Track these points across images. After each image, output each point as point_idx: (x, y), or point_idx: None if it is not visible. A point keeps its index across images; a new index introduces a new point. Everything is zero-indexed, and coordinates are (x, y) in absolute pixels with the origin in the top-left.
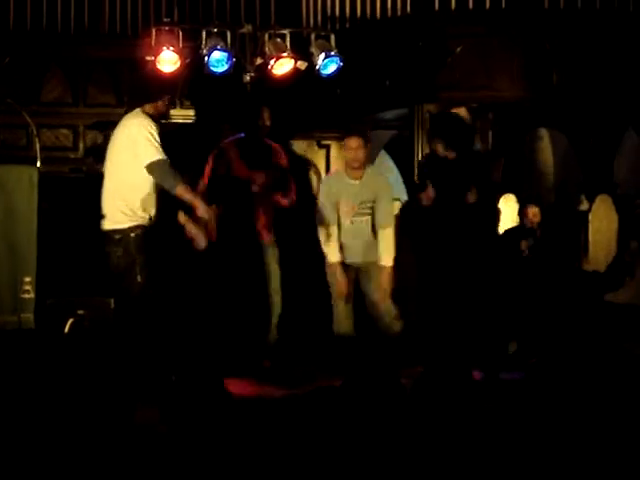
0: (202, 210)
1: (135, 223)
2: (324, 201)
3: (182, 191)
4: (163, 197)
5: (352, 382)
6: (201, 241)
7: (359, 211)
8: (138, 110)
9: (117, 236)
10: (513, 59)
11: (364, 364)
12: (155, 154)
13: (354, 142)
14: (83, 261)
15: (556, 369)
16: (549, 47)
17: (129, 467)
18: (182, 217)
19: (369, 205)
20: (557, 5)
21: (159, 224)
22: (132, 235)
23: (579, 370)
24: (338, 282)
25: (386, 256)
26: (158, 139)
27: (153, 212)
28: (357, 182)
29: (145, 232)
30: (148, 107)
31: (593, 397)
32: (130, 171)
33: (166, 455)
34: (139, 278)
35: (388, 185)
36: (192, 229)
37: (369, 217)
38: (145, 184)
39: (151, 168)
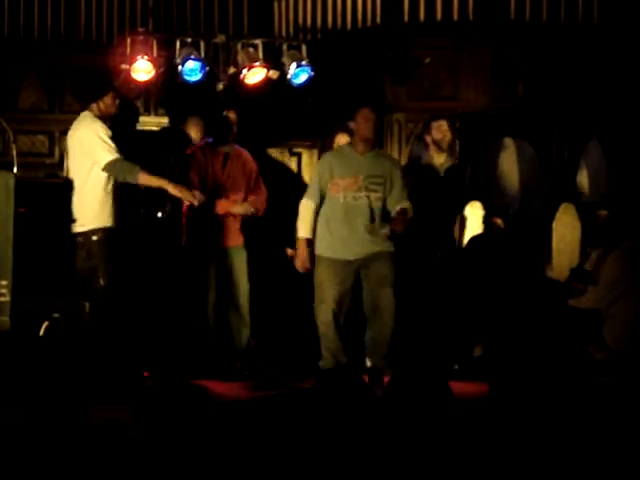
0: (172, 189)
1: (96, 226)
2: (315, 177)
3: (145, 179)
4: (125, 198)
5: (323, 384)
6: (190, 197)
7: (364, 185)
8: (86, 113)
9: (79, 239)
10: (480, 70)
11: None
12: (108, 155)
13: (370, 114)
14: (59, 265)
15: (520, 373)
16: (515, 58)
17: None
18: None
19: (377, 181)
20: (523, 17)
21: (124, 226)
22: (94, 238)
23: (542, 373)
24: (299, 256)
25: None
26: (108, 139)
27: (114, 214)
28: (365, 155)
29: (109, 235)
30: (95, 107)
31: (557, 402)
32: (86, 175)
33: (136, 456)
34: (102, 281)
35: (398, 166)
36: (179, 193)
37: (376, 195)
38: (102, 186)
39: (108, 169)
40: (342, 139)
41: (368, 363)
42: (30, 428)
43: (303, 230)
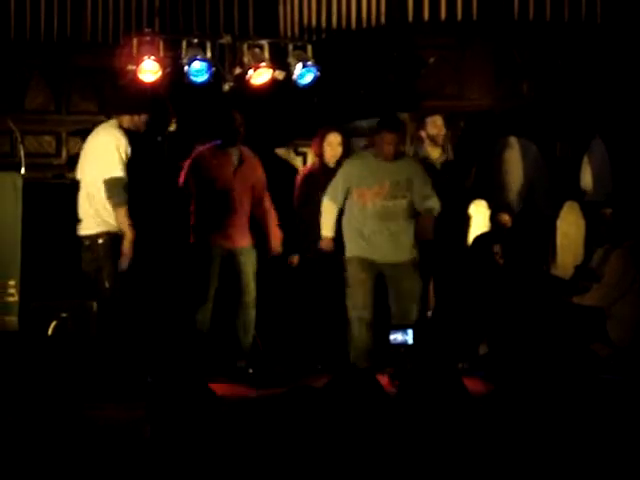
0: (127, 242)
1: (104, 229)
2: (339, 180)
3: (121, 215)
4: (136, 205)
5: (337, 383)
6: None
7: (393, 193)
8: (114, 121)
9: (86, 242)
10: (484, 69)
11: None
12: (115, 171)
13: (391, 137)
14: (66, 265)
15: (525, 369)
16: (519, 57)
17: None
18: None
19: (404, 187)
20: (526, 17)
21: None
22: (100, 241)
23: (547, 370)
24: (325, 249)
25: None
26: (124, 155)
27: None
28: (390, 163)
29: (116, 238)
30: (126, 119)
31: (562, 398)
32: (98, 179)
33: (145, 455)
34: (107, 284)
35: (420, 165)
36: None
37: (404, 202)
38: None
39: (107, 182)
40: (333, 138)
41: None
42: (39, 427)
43: (327, 229)
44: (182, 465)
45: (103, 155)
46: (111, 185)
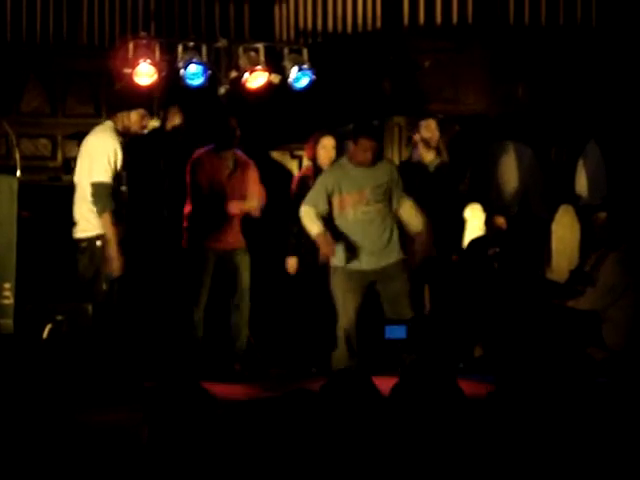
0: (112, 246)
1: (101, 231)
2: (318, 187)
3: (105, 221)
4: (132, 208)
5: (332, 386)
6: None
7: (373, 197)
8: (108, 123)
9: (83, 244)
10: (479, 73)
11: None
12: (101, 175)
13: (369, 144)
14: (61, 268)
15: (521, 374)
16: (514, 61)
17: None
18: None
19: (382, 191)
20: (522, 21)
21: (129, 231)
22: (98, 243)
23: (542, 374)
24: (324, 247)
25: (414, 222)
26: (113, 159)
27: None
28: (368, 168)
29: None
30: (120, 119)
31: (557, 402)
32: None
33: (141, 458)
34: (104, 286)
35: (395, 166)
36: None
37: (383, 205)
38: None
39: (93, 186)
40: (327, 142)
41: None
42: (34, 431)
43: (313, 228)
44: (179, 468)
45: (92, 158)
46: (96, 190)
